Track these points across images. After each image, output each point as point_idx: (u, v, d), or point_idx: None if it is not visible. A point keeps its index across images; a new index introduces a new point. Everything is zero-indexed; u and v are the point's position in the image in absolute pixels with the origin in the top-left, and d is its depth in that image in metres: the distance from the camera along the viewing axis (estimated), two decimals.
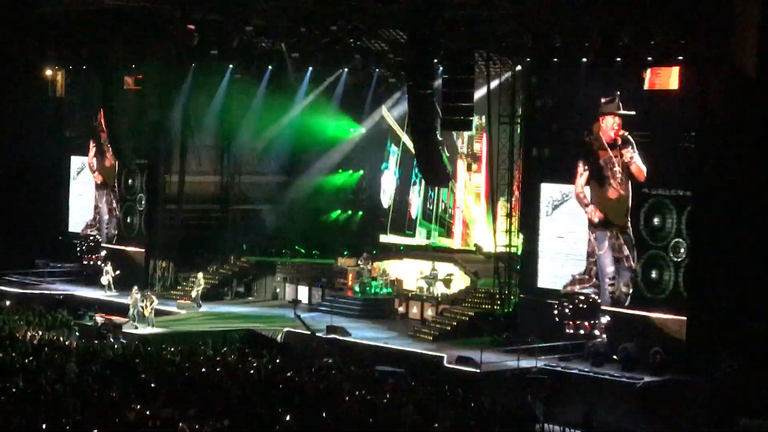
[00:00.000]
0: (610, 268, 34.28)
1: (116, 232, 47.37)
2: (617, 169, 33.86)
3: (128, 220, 46.68)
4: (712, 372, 29.94)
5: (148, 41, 42.72)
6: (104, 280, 44.09)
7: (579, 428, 28.52)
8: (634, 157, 33.34)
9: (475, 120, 38.41)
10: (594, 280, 34.71)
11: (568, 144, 35.25)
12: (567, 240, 35.62)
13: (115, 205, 47.34)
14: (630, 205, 33.72)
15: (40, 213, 49.10)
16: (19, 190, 48.24)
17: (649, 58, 32.62)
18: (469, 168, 44.03)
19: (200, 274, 43.11)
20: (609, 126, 34.07)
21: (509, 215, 37.55)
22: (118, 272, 44.42)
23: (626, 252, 33.73)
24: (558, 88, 35.48)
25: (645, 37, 32.43)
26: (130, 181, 46.39)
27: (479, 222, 43.42)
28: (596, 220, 34.80)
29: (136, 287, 39.62)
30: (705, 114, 31.95)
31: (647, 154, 33.26)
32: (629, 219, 33.70)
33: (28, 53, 46.58)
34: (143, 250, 45.94)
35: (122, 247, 46.79)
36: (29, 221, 48.20)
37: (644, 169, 33.30)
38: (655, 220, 33.15)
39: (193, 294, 42.42)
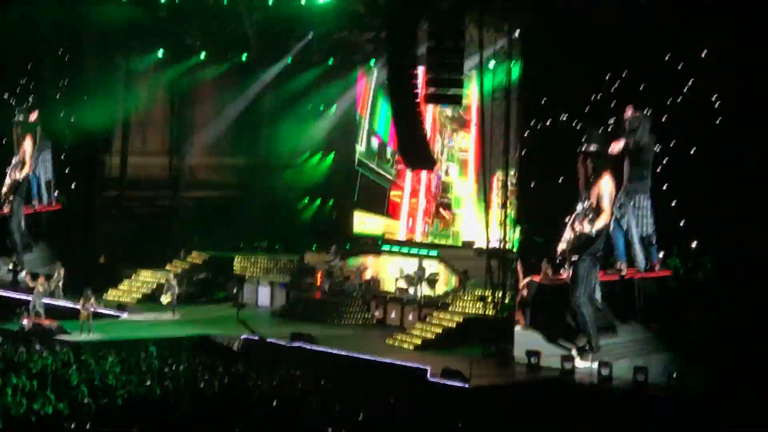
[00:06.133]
0: None
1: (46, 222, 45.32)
2: None
3: (61, 209, 44.49)
4: None
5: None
6: (52, 284, 42.28)
7: None
8: None
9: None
10: None
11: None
12: None
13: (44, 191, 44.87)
14: None
15: None
16: None
17: None
18: (454, 132, 44.62)
19: (171, 275, 41.95)
20: None
21: (504, 206, 36.19)
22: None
23: None
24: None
25: None
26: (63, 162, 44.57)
27: (467, 206, 43.49)
28: None
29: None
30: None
31: None
32: None
33: None
34: (77, 243, 44.28)
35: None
36: None
37: None
38: None
39: (165, 300, 41.11)
